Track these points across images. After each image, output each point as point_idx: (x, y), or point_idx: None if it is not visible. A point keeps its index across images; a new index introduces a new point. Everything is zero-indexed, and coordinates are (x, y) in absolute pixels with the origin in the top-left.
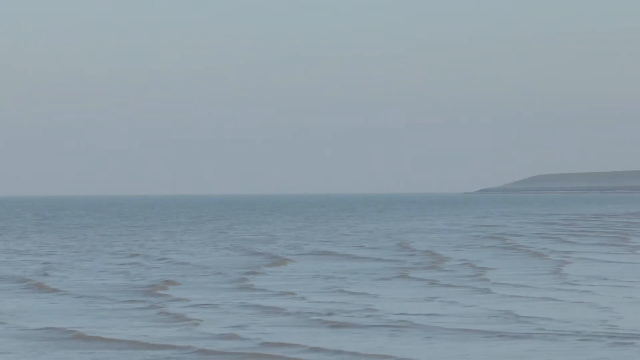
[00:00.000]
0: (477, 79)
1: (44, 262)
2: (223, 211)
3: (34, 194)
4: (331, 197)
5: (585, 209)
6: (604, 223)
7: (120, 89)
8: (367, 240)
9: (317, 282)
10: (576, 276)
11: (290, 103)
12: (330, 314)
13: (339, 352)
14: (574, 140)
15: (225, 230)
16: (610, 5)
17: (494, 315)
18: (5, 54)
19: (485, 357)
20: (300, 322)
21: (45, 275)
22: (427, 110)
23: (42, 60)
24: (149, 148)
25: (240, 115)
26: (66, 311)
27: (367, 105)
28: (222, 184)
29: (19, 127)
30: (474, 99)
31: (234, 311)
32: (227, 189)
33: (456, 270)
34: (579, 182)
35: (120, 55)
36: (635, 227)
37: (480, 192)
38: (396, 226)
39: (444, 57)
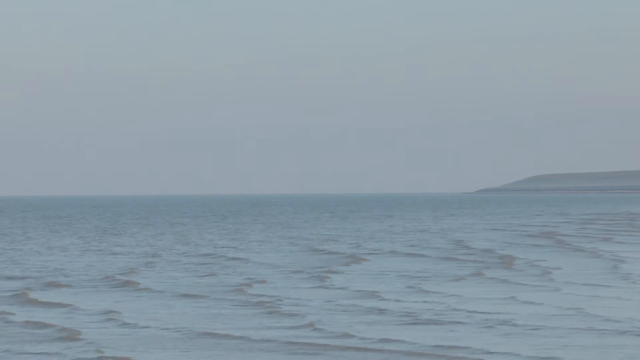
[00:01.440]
0: (477, 79)
1: (148, 261)
2: (243, 210)
3: (34, 194)
4: (331, 198)
5: (600, 208)
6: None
7: (120, 89)
8: (421, 239)
9: (396, 281)
10: (637, 275)
11: (290, 103)
12: (428, 312)
13: (467, 348)
14: (573, 140)
15: (275, 228)
16: (610, 5)
17: (579, 313)
18: (5, 54)
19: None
20: (400, 320)
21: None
22: (427, 110)
23: (42, 60)
24: (149, 148)
25: (240, 115)
26: (199, 313)
27: (367, 105)
28: (222, 184)
29: (19, 127)
30: (473, 99)
31: (330, 308)
32: (227, 189)
33: (524, 269)
34: (579, 182)
35: (120, 55)
36: None
37: (480, 192)
38: (437, 224)
39: (444, 57)
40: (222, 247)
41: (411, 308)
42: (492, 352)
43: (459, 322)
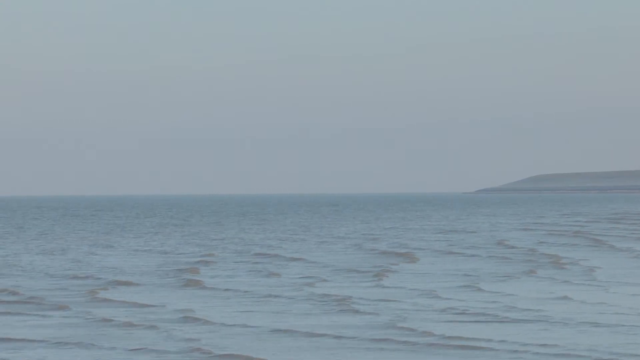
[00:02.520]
0: (477, 79)
1: (200, 260)
2: (258, 211)
3: (34, 194)
4: (332, 198)
5: (618, 208)
6: None
7: (120, 89)
8: (459, 239)
9: (450, 280)
10: None
11: (290, 103)
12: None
13: (544, 345)
14: (573, 140)
15: (312, 227)
16: (610, 5)
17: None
18: (5, 54)
19: None
20: (462, 317)
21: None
22: (427, 110)
23: (42, 60)
24: (149, 148)
25: (240, 115)
26: (274, 312)
27: (367, 105)
28: (222, 184)
29: (19, 127)
30: (473, 99)
31: (398, 307)
32: (227, 189)
33: (572, 268)
34: (579, 182)
35: (120, 55)
36: None
37: (480, 192)
38: (465, 224)
39: (444, 57)
40: (272, 247)
41: (479, 306)
42: (599, 351)
43: (541, 320)
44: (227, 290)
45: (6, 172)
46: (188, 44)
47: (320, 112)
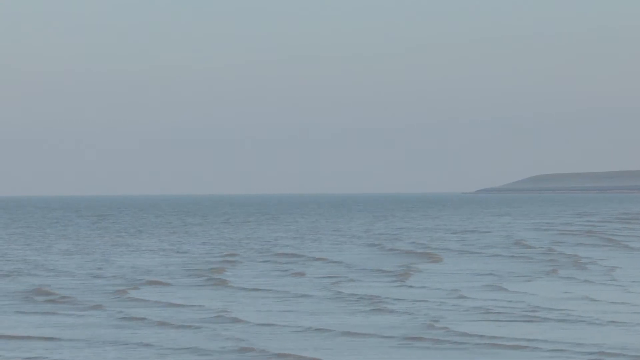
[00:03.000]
0: (477, 79)
1: (226, 260)
2: (264, 210)
3: (34, 194)
4: (332, 198)
5: (619, 209)
6: None
7: (120, 89)
8: (475, 239)
9: (476, 279)
10: None
11: (290, 103)
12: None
13: (578, 344)
14: (573, 140)
15: (325, 227)
16: (610, 5)
17: None
18: (5, 54)
19: None
20: (493, 317)
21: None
22: (427, 110)
23: (42, 60)
24: (149, 148)
25: (240, 115)
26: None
27: (367, 105)
28: (222, 184)
29: (19, 127)
30: (473, 99)
31: (429, 307)
32: (227, 189)
33: (589, 268)
34: (579, 182)
35: (120, 55)
36: None
37: (479, 192)
38: (478, 224)
39: (444, 57)
40: (291, 246)
41: (508, 306)
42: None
43: (569, 320)
44: (256, 290)
45: (6, 172)
46: (188, 44)
47: (320, 112)
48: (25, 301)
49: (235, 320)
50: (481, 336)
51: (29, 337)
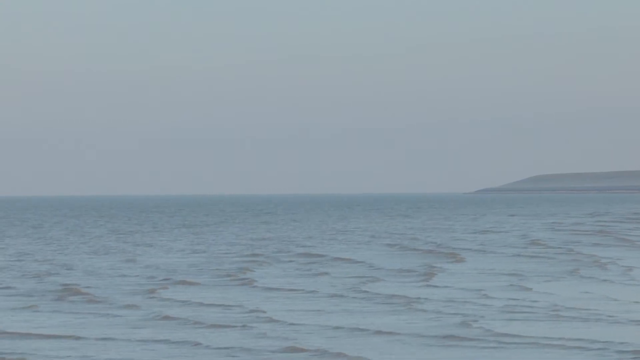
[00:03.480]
0: (477, 79)
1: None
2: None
3: (34, 194)
4: (332, 198)
5: (629, 209)
6: None
7: (120, 89)
8: (491, 239)
9: (502, 279)
10: None
11: (290, 103)
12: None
13: (609, 342)
14: (573, 140)
15: (338, 227)
16: (610, 5)
17: None
18: (5, 54)
19: None
20: (523, 316)
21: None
22: (427, 110)
23: (42, 60)
24: (149, 148)
25: (240, 115)
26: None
27: (367, 105)
28: (222, 184)
29: (19, 127)
30: (473, 99)
31: (458, 307)
32: (227, 189)
33: (609, 267)
34: (579, 182)
35: (120, 55)
36: None
37: (479, 193)
38: (489, 224)
39: (444, 57)
40: (310, 246)
41: (536, 305)
42: None
43: (596, 319)
44: (285, 289)
45: (6, 172)
46: (188, 44)
47: (320, 112)
48: (60, 301)
49: (271, 320)
50: (517, 335)
51: (77, 337)
